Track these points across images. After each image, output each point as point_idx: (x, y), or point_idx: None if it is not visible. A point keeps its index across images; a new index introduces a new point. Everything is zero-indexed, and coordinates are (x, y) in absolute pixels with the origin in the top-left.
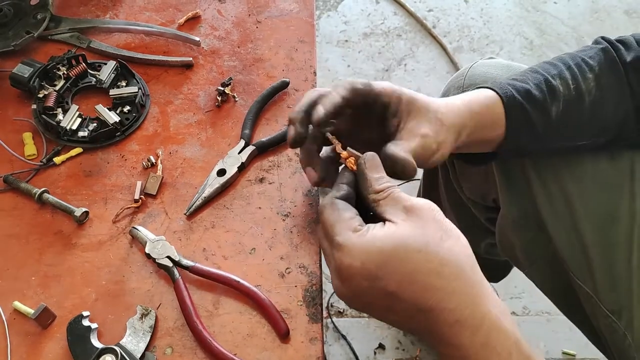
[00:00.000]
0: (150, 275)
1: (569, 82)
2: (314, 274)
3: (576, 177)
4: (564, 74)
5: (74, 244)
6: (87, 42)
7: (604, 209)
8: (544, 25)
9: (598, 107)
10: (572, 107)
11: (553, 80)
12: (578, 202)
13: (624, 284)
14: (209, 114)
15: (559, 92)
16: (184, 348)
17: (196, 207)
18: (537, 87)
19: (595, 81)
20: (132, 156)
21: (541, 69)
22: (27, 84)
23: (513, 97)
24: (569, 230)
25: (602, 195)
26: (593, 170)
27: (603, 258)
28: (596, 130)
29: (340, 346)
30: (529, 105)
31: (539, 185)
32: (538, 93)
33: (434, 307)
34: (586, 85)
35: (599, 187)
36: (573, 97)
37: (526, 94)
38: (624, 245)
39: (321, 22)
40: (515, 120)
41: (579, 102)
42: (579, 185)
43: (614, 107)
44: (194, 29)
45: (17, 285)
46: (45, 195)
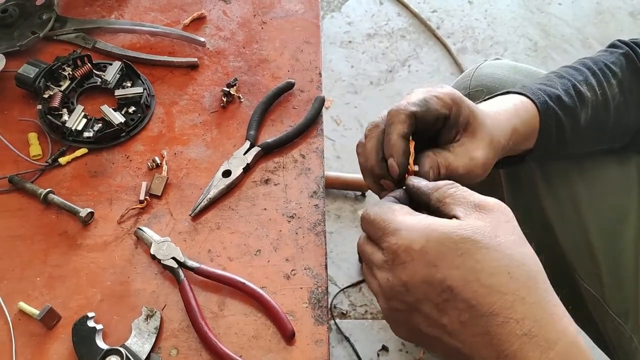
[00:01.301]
0: (156, 277)
1: (596, 88)
2: (320, 276)
3: (584, 181)
4: (590, 80)
5: (79, 245)
6: (93, 42)
7: (612, 212)
8: (549, 26)
9: (622, 113)
10: (599, 113)
11: (580, 86)
12: (586, 206)
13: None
14: (214, 115)
15: (587, 99)
16: (189, 349)
17: (201, 208)
18: (566, 93)
19: (619, 87)
20: (137, 157)
21: (567, 74)
22: (32, 84)
23: (546, 103)
24: (577, 233)
25: (610, 198)
26: (601, 174)
27: (610, 261)
28: (618, 136)
29: (344, 348)
30: (561, 112)
31: (546, 188)
32: (568, 99)
33: (498, 314)
34: (611, 91)
35: (607, 191)
36: (600, 102)
37: (558, 100)
38: (631, 248)
39: (325, 23)
40: (548, 128)
41: (605, 108)
42: (587, 188)
43: (635, 112)
44: (199, 29)
45: (22, 286)
46: (50, 195)
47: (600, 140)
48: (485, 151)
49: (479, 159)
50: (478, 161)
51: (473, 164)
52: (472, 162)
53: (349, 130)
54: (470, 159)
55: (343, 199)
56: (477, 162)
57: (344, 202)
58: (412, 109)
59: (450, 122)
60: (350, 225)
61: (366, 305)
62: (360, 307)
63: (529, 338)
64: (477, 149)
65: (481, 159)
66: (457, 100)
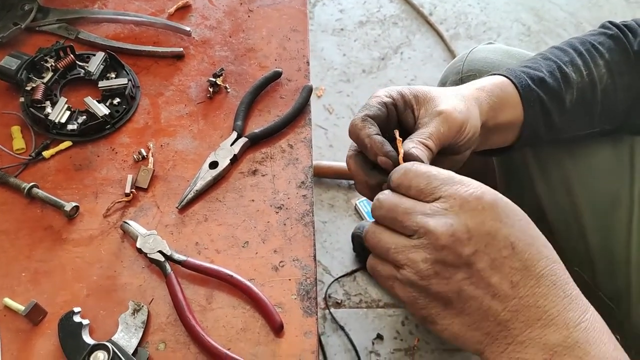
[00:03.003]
0: (142, 270)
1: (582, 68)
2: (308, 267)
3: (577, 165)
4: (575, 61)
5: (65, 239)
6: (76, 33)
7: (604, 195)
8: (542, 11)
9: (610, 95)
10: (586, 94)
11: (565, 67)
12: (579, 190)
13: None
14: (200, 106)
15: (572, 80)
16: (177, 343)
17: (188, 201)
18: (550, 74)
19: (607, 67)
20: (122, 149)
21: (552, 56)
22: (14, 76)
23: (528, 85)
24: (569, 219)
25: (603, 182)
26: (593, 158)
27: (602, 246)
28: (607, 118)
29: (339, 337)
30: (545, 95)
31: (539, 174)
32: (552, 81)
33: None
34: (598, 72)
35: (599, 174)
36: (586, 83)
37: (541, 83)
38: (623, 232)
39: (316, 11)
40: (532, 110)
41: (592, 89)
42: (580, 172)
43: (624, 94)
44: (184, 18)
45: (7, 282)
46: (34, 189)
47: (589, 122)
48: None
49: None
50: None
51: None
52: (445, 115)
53: (341, 119)
54: (438, 113)
55: (336, 188)
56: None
57: (338, 191)
58: (362, 114)
59: (400, 108)
60: (344, 214)
61: (361, 294)
62: (354, 297)
63: (569, 300)
64: (440, 104)
65: (449, 107)
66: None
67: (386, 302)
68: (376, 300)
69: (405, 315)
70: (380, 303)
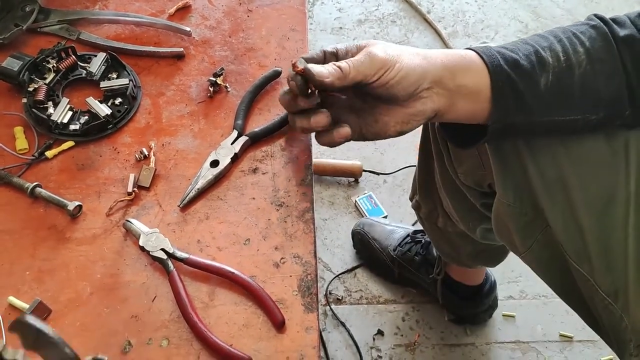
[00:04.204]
0: (145, 268)
1: (559, 54)
2: (309, 264)
3: (573, 160)
4: (554, 46)
5: (68, 238)
6: (77, 33)
7: (601, 191)
8: (539, 8)
9: (589, 80)
10: (562, 79)
11: (543, 52)
12: (575, 185)
13: (620, 266)
14: (201, 105)
15: (548, 64)
16: (180, 340)
17: (190, 199)
18: (526, 57)
19: (586, 54)
20: (124, 149)
21: (532, 41)
22: (16, 77)
23: (499, 64)
24: (566, 213)
25: (599, 177)
26: (590, 152)
27: (600, 240)
28: (588, 105)
29: (339, 333)
30: (515, 75)
31: (535, 170)
32: (526, 63)
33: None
34: (576, 58)
35: (595, 169)
36: (563, 68)
37: (514, 63)
38: (620, 226)
39: (315, 10)
40: (501, 89)
41: (569, 74)
42: (575, 168)
43: (605, 81)
44: (184, 18)
45: (11, 281)
46: (37, 189)
47: (568, 107)
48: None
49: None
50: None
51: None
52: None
53: None
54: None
55: (336, 185)
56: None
57: (337, 189)
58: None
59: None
60: (344, 211)
61: (361, 290)
62: (355, 293)
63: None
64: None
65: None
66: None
67: (387, 299)
68: (377, 297)
69: (405, 311)
70: (381, 299)
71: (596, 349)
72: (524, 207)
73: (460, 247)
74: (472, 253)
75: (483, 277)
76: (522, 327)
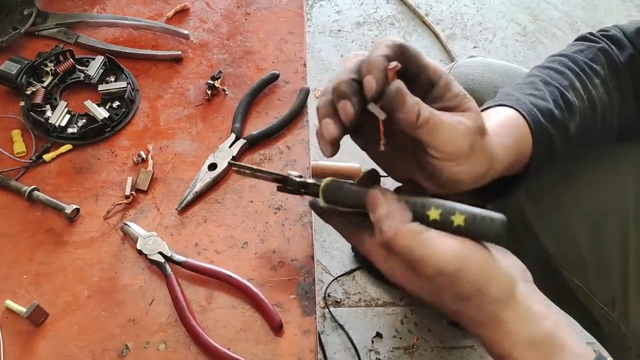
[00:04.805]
0: (143, 272)
1: (582, 92)
2: (307, 267)
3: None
4: (575, 84)
5: (65, 242)
6: (75, 37)
7: (595, 205)
8: (537, 11)
9: (608, 114)
10: (587, 119)
11: (567, 93)
12: (568, 202)
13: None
14: (199, 108)
15: (575, 107)
16: (177, 343)
17: (188, 202)
18: (555, 104)
19: (603, 86)
20: (122, 152)
21: (552, 80)
22: (14, 81)
23: (540, 122)
24: (559, 231)
25: (593, 190)
26: (583, 167)
27: (594, 252)
28: (605, 136)
29: (338, 336)
30: (553, 129)
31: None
32: (558, 112)
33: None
34: (597, 93)
35: (589, 185)
36: (586, 108)
37: (550, 116)
38: (617, 238)
39: (314, 12)
40: (542, 148)
41: (593, 113)
42: (569, 182)
43: (621, 110)
44: (182, 22)
45: (8, 284)
46: (35, 193)
47: (590, 145)
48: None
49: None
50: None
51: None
52: (460, 125)
53: None
54: (457, 121)
55: None
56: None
57: None
58: (404, 43)
59: (436, 92)
60: None
61: (360, 293)
62: (354, 295)
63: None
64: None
65: (471, 127)
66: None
67: (385, 301)
68: (375, 299)
69: (404, 313)
70: (379, 302)
71: None
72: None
73: None
74: None
75: None
76: None
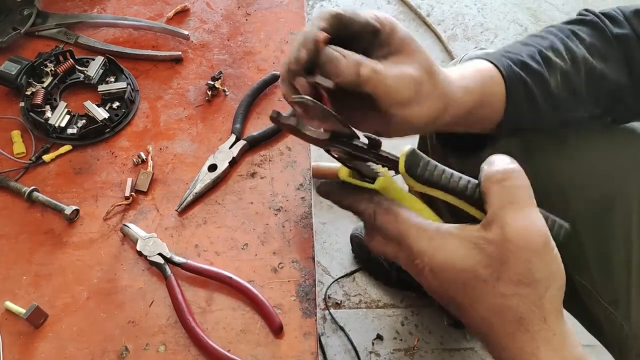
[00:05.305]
0: (142, 273)
1: (563, 53)
2: (307, 269)
3: (570, 170)
4: (556, 46)
5: (65, 243)
6: (75, 37)
7: (599, 198)
8: (539, 11)
9: (595, 78)
10: (571, 78)
11: (546, 51)
12: (572, 195)
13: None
14: (199, 109)
15: (555, 64)
16: (177, 345)
17: (187, 203)
18: (531, 58)
19: (589, 52)
20: (122, 153)
21: (530, 42)
22: (14, 81)
23: (511, 69)
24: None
25: (597, 185)
26: (587, 161)
27: (599, 251)
28: (593, 102)
29: (338, 337)
30: (528, 77)
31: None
32: (534, 64)
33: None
34: (580, 55)
35: (593, 178)
36: (570, 67)
37: (523, 65)
38: (621, 234)
39: (314, 13)
40: (516, 95)
41: (576, 73)
42: (573, 178)
43: (609, 78)
44: (182, 22)
45: (7, 285)
46: (34, 193)
47: (576, 106)
48: (419, 72)
49: (410, 72)
50: (409, 74)
51: (404, 76)
52: (403, 74)
53: None
54: (400, 70)
55: None
56: (408, 75)
57: None
58: (338, 10)
59: (381, 39)
60: (343, 215)
61: (360, 294)
62: (354, 297)
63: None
64: (411, 65)
65: (414, 74)
66: (391, 20)
67: (386, 303)
68: (376, 301)
69: (405, 315)
70: (380, 303)
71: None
72: None
73: None
74: None
75: None
76: None
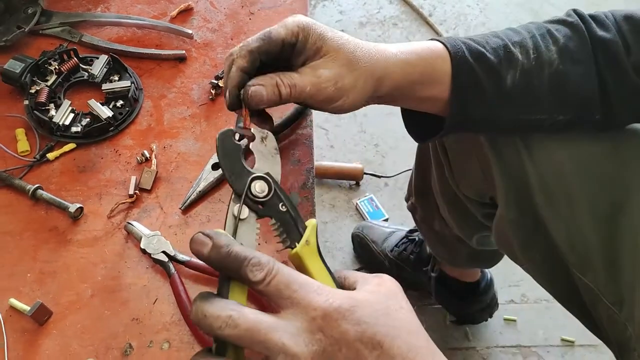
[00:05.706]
0: (146, 271)
1: (530, 51)
2: None
3: (578, 172)
4: (525, 42)
5: (69, 240)
6: (79, 36)
7: (608, 201)
8: (541, 12)
9: (560, 81)
10: (530, 77)
11: (513, 47)
12: (580, 197)
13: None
14: (202, 108)
15: (516, 60)
16: (181, 342)
17: (191, 202)
18: (493, 51)
19: (559, 53)
20: (126, 151)
21: (503, 35)
22: (18, 79)
23: (464, 56)
24: (570, 225)
25: (606, 187)
26: (596, 164)
27: (605, 251)
28: (556, 106)
29: None
30: (479, 68)
31: (538, 182)
32: (493, 57)
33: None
34: (548, 56)
35: (602, 181)
36: (532, 66)
37: (479, 56)
38: (629, 236)
39: (317, 12)
40: (461, 81)
41: (538, 73)
42: (581, 180)
43: (576, 82)
44: (186, 21)
45: (12, 283)
46: (39, 191)
47: (534, 107)
48: (337, 69)
49: (326, 75)
50: (325, 77)
51: (320, 81)
52: (319, 79)
53: (342, 119)
54: (316, 76)
55: (338, 188)
56: (324, 78)
57: (339, 192)
58: (254, 45)
59: (297, 49)
60: (345, 214)
61: None
62: None
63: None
64: (325, 67)
65: (330, 74)
66: (304, 26)
67: None
68: None
69: None
70: None
71: (598, 354)
72: (527, 223)
73: (456, 250)
74: (468, 256)
75: (479, 274)
76: (523, 331)
